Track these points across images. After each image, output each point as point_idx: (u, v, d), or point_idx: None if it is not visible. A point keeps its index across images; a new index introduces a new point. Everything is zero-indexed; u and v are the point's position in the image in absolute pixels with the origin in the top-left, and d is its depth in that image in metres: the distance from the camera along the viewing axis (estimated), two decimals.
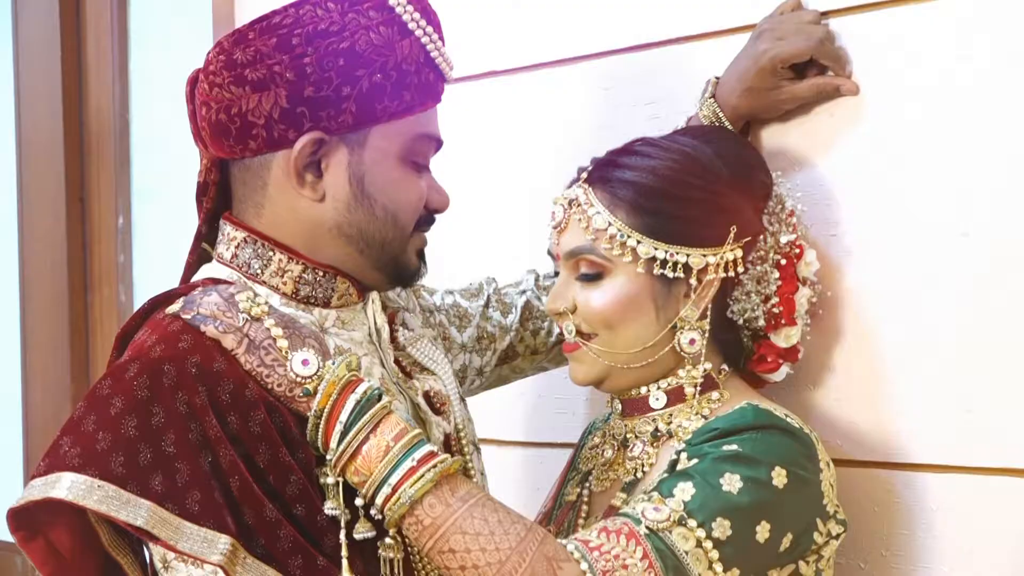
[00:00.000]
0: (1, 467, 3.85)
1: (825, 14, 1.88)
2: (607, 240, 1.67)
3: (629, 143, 1.74)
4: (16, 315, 3.76)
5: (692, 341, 1.69)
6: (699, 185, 1.67)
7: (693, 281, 1.67)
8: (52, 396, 3.64)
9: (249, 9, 1.60)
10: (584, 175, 1.73)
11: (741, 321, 1.72)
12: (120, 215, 3.51)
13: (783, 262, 1.72)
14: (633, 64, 2.16)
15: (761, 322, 1.72)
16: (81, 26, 3.59)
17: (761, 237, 1.71)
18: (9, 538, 1.53)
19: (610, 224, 1.67)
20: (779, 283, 1.71)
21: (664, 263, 1.66)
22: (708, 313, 1.69)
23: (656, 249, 1.65)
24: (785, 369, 1.77)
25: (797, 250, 1.73)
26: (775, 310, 1.72)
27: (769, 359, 1.76)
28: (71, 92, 3.59)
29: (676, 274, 1.66)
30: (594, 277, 1.69)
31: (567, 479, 1.87)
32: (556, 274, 1.79)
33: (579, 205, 1.70)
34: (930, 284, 1.80)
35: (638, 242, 1.66)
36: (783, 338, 1.74)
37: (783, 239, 1.72)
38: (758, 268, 1.70)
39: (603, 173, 1.71)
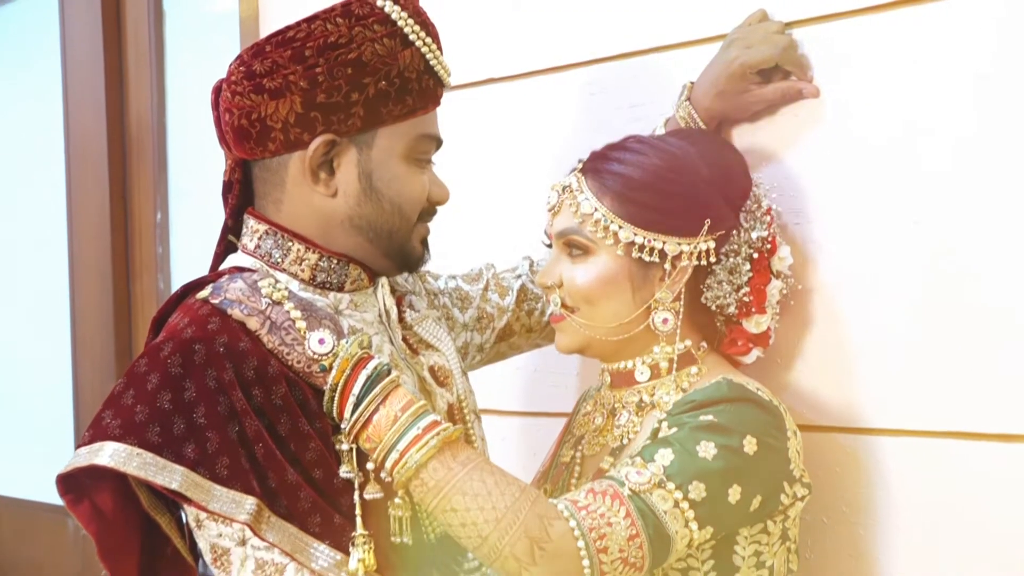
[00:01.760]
0: (55, 437, 3.86)
1: (789, 24, 1.88)
2: (592, 224, 1.67)
3: (623, 139, 1.74)
4: (66, 302, 3.77)
5: (665, 320, 1.70)
6: (680, 181, 1.67)
7: (668, 266, 1.67)
8: (99, 374, 3.65)
9: (272, 28, 1.61)
10: (580, 165, 1.73)
11: (714, 307, 1.72)
12: (158, 211, 3.52)
13: (755, 256, 1.71)
14: (617, 71, 2.16)
15: (732, 309, 1.72)
16: (122, 43, 3.59)
17: (735, 232, 1.71)
18: (61, 502, 1.54)
19: (596, 209, 1.67)
20: (750, 275, 1.71)
21: (642, 247, 1.66)
22: (682, 296, 1.69)
23: (635, 235, 1.66)
24: (756, 353, 1.77)
25: (769, 245, 1.73)
26: (745, 299, 1.72)
27: (739, 343, 1.76)
28: (114, 102, 3.59)
29: (652, 258, 1.66)
30: (579, 256, 1.70)
31: (563, 441, 1.88)
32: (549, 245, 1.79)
33: (571, 191, 1.71)
34: (887, 267, 1.80)
35: (620, 227, 1.66)
36: (754, 324, 1.74)
37: (754, 235, 1.71)
38: (731, 260, 1.70)
39: (596, 164, 1.71)
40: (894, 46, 1.80)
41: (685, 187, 1.67)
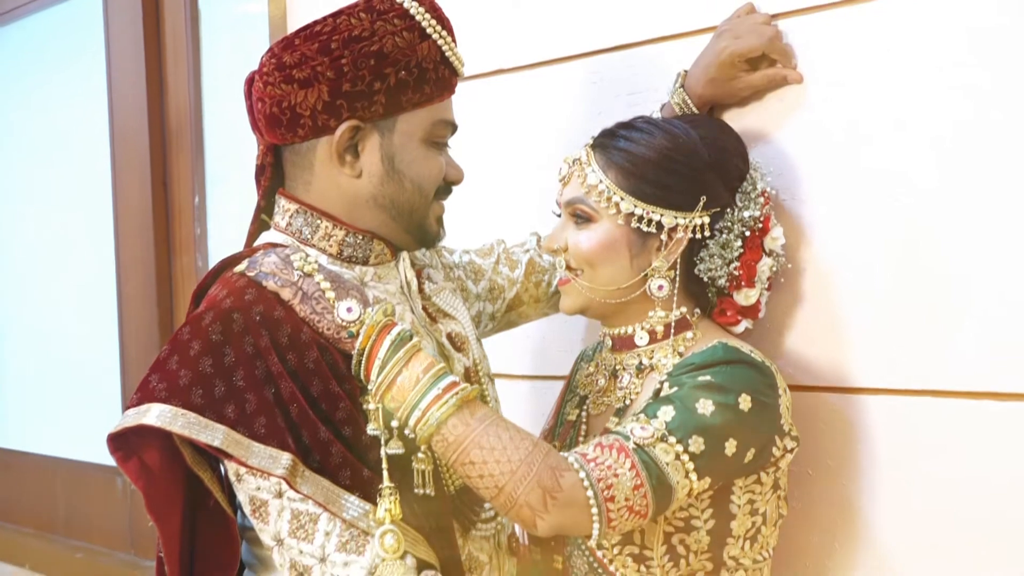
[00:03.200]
0: (104, 402, 3.86)
1: (775, 16, 1.87)
2: (597, 194, 1.67)
3: (633, 119, 1.74)
4: (113, 278, 3.78)
5: (660, 287, 1.69)
6: (680, 160, 1.66)
7: (664, 237, 1.66)
8: (143, 343, 3.65)
9: (300, 24, 1.62)
10: (592, 139, 1.72)
11: (706, 278, 1.71)
12: (196, 195, 3.51)
13: (747, 234, 1.70)
14: (616, 61, 2.15)
15: (722, 282, 1.70)
16: (161, 42, 3.59)
17: (729, 210, 1.69)
18: (111, 462, 1.53)
19: (601, 181, 1.66)
20: (741, 251, 1.69)
21: (640, 219, 1.65)
22: (677, 266, 1.68)
23: (635, 207, 1.65)
24: (745, 324, 1.76)
25: (761, 225, 1.71)
26: (735, 273, 1.70)
27: (728, 313, 1.75)
28: (154, 95, 3.59)
29: (649, 229, 1.65)
30: (584, 223, 1.69)
31: (565, 400, 1.88)
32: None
33: (580, 163, 1.70)
34: (868, 242, 1.80)
35: (621, 199, 1.65)
36: (743, 297, 1.73)
37: (747, 214, 1.70)
38: (724, 236, 1.69)
39: (605, 140, 1.70)
40: (871, 36, 1.79)
41: (685, 166, 1.66)
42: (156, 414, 1.43)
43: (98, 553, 3.88)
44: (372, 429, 1.50)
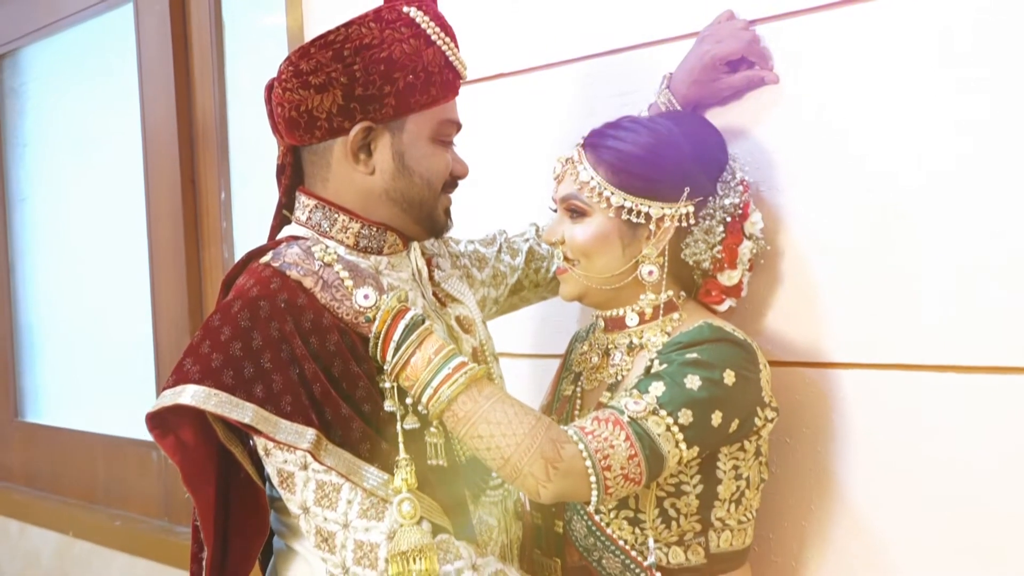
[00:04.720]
0: (139, 383, 3.87)
1: (753, 21, 1.87)
2: (588, 190, 1.66)
3: (620, 119, 1.73)
4: (146, 270, 3.77)
5: (651, 272, 1.68)
6: (665, 155, 1.65)
7: (652, 227, 1.66)
8: (174, 329, 3.64)
9: (316, 34, 1.62)
10: (582, 140, 1.72)
11: (692, 262, 1.70)
12: (222, 192, 3.50)
13: (728, 220, 1.70)
14: (607, 65, 2.15)
15: (707, 264, 1.70)
16: (188, 50, 3.57)
17: (711, 199, 1.69)
18: (147, 437, 1.53)
19: (592, 178, 1.66)
20: (723, 235, 1.69)
21: (630, 211, 1.65)
22: (665, 253, 1.68)
23: (625, 200, 1.64)
24: (729, 303, 1.76)
25: (741, 211, 1.71)
26: (719, 256, 1.70)
27: (713, 293, 1.74)
28: (182, 100, 3.58)
29: (639, 220, 1.65)
30: (578, 217, 1.69)
31: (561, 377, 1.88)
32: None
33: (572, 162, 1.70)
34: (842, 227, 1.80)
35: (611, 193, 1.65)
36: (726, 278, 1.73)
37: (727, 202, 1.69)
38: (707, 222, 1.68)
39: (595, 140, 1.70)
40: (841, 39, 1.79)
41: (669, 160, 1.66)
42: (191, 394, 1.43)
43: (135, 520, 3.89)
44: (388, 406, 1.50)
